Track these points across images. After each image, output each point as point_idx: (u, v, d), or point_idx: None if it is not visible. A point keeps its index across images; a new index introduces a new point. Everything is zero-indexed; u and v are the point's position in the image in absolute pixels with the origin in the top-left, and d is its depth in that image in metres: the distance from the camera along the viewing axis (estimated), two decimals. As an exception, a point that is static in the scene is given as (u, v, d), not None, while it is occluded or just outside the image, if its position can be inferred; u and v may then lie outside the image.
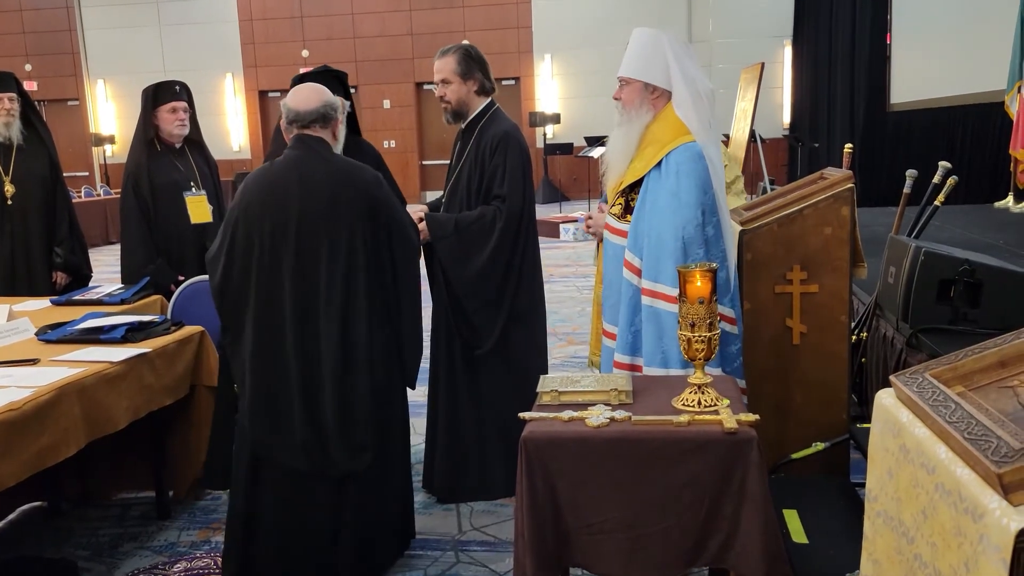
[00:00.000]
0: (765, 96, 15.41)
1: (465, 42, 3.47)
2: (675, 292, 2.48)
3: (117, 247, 4.31)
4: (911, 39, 11.98)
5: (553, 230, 11.89)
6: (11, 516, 3.36)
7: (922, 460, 1.02)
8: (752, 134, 12.92)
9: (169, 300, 3.99)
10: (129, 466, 3.47)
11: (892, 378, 1.17)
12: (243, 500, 2.68)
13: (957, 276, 3.16)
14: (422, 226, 3.17)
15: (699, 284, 2.09)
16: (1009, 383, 1.10)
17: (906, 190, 3.89)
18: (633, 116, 2.77)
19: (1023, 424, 0.97)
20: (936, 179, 3.77)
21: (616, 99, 2.81)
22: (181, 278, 4.13)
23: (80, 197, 13.37)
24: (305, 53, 16.45)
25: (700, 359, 2.12)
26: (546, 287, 7.03)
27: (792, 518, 2.57)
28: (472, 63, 3.32)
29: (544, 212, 13.37)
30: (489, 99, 3.40)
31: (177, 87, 4.21)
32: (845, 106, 13.18)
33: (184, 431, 3.36)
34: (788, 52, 15.03)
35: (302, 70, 3.60)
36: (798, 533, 2.48)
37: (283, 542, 2.67)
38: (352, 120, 3.48)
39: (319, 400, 2.60)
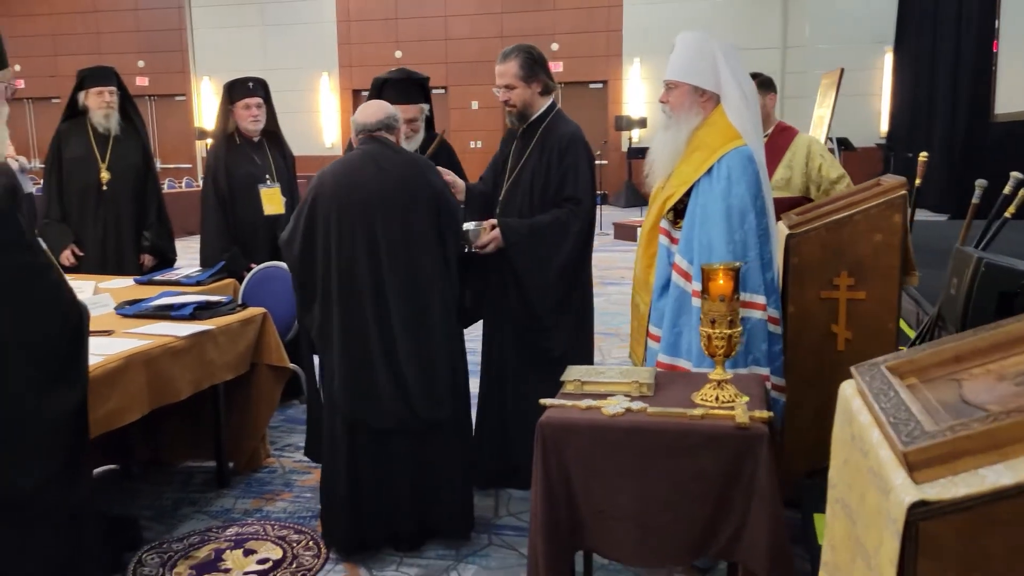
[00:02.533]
0: (863, 103, 14.98)
1: (526, 44, 3.48)
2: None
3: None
4: (1020, 47, 11.45)
5: (632, 233, 11.87)
6: (88, 477, 3.62)
7: (862, 446, 1.05)
8: (840, 142, 12.59)
9: (241, 284, 4.21)
10: (195, 437, 3.68)
11: (852, 369, 1.20)
12: (343, 466, 2.92)
13: (1019, 288, 3.06)
14: (495, 232, 3.21)
15: (721, 282, 2.12)
16: (958, 376, 1.11)
17: (974, 200, 3.77)
18: (682, 119, 2.79)
19: (953, 412, 1.00)
20: (1007, 190, 3.64)
21: (663, 102, 2.84)
22: (252, 266, 4.35)
23: (181, 188, 14.07)
24: (398, 54, 16.85)
25: (720, 355, 2.15)
26: (616, 289, 7.00)
27: (823, 522, 2.56)
28: (535, 65, 3.32)
29: (625, 216, 13.34)
30: (551, 99, 3.43)
31: (251, 83, 4.42)
32: (946, 115, 12.69)
33: (244, 406, 3.56)
34: (889, 59, 14.55)
35: (385, 73, 3.71)
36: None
37: (380, 499, 2.92)
38: (429, 121, 3.61)
39: (399, 361, 2.85)
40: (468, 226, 3.18)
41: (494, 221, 3.26)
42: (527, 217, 3.29)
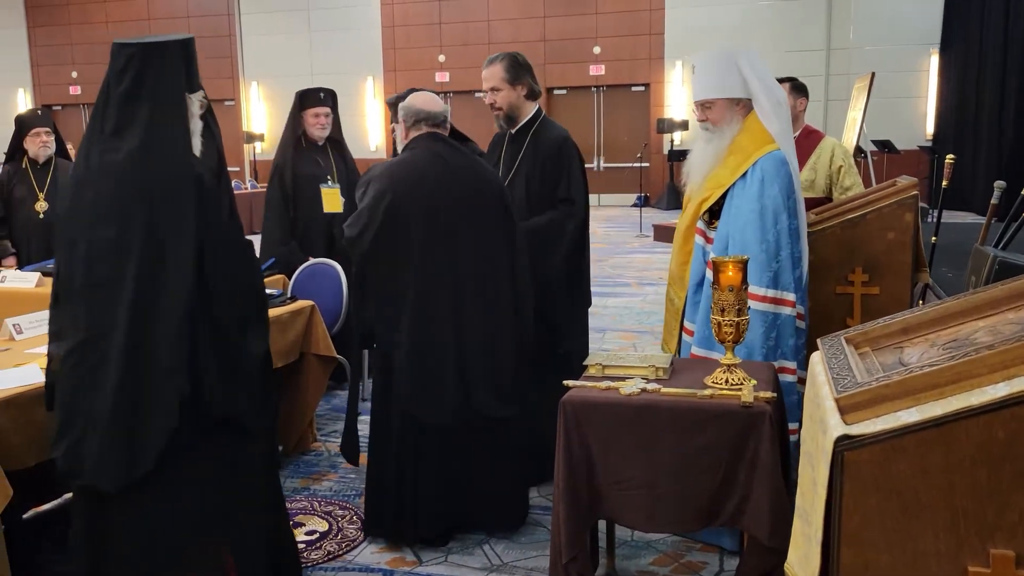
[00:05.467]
0: (908, 106, 14.88)
1: (512, 51, 3.56)
2: (761, 292, 2.71)
3: (259, 237, 4.83)
4: (1066, 47, 11.33)
5: (671, 235, 11.97)
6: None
7: (817, 400, 1.24)
8: (883, 144, 12.55)
9: (290, 279, 4.48)
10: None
11: (818, 340, 1.38)
12: (392, 458, 3.02)
13: (1031, 285, 3.19)
14: None
15: (731, 274, 2.29)
16: (903, 345, 1.29)
17: (994, 201, 3.88)
18: (724, 130, 2.91)
19: (889, 371, 1.17)
20: (1025, 191, 3.76)
21: (702, 121, 2.96)
22: (310, 259, 4.63)
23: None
24: (442, 58, 17.15)
25: (729, 342, 2.32)
26: (653, 289, 7.14)
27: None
28: (520, 69, 3.45)
29: (666, 218, 13.43)
30: (537, 104, 3.53)
31: (322, 94, 4.75)
32: (993, 117, 12.60)
33: (293, 393, 3.81)
34: (935, 60, 14.44)
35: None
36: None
37: (419, 495, 3.00)
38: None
39: (471, 358, 2.95)
40: None
41: None
42: (524, 219, 3.40)
